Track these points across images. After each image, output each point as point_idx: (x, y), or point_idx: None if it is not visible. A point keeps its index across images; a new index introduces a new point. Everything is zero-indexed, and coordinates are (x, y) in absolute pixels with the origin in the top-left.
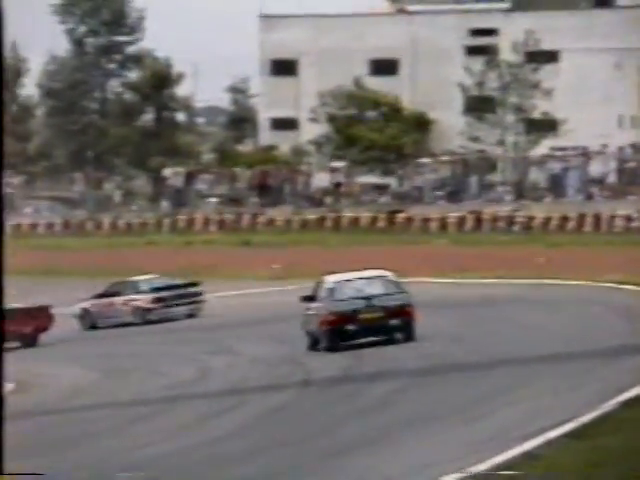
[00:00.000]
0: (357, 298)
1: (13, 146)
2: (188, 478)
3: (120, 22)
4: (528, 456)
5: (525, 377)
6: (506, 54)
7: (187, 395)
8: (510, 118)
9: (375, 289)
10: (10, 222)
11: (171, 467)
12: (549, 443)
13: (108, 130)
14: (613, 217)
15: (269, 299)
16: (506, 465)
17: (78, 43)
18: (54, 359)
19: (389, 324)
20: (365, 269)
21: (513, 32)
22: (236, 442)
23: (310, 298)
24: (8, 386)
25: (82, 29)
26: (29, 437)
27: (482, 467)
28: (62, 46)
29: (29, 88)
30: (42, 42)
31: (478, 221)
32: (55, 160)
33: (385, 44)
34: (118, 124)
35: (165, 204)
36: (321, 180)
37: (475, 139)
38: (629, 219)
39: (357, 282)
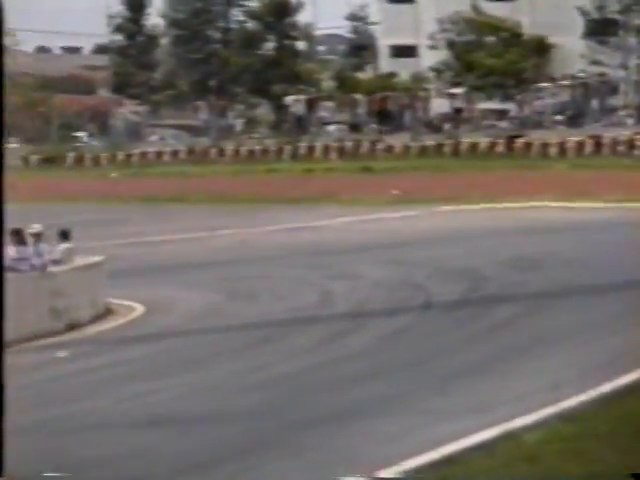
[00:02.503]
0: None
1: (139, 76)
2: (309, 399)
3: None
4: None
5: None
6: None
7: (310, 318)
8: (632, 41)
9: None
10: (136, 150)
11: (292, 388)
12: None
13: (230, 59)
14: None
15: (390, 225)
16: (627, 387)
17: None
18: (180, 283)
19: None
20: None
21: None
22: (359, 363)
23: None
24: (138, 309)
25: None
26: (156, 359)
27: (606, 387)
28: None
29: (153, 18)
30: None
31: (598, 145)
32: (179, 89)
33: None
34: (240, 53)
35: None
36: (440, 106)
37: (596, 63)
38: None
39: None
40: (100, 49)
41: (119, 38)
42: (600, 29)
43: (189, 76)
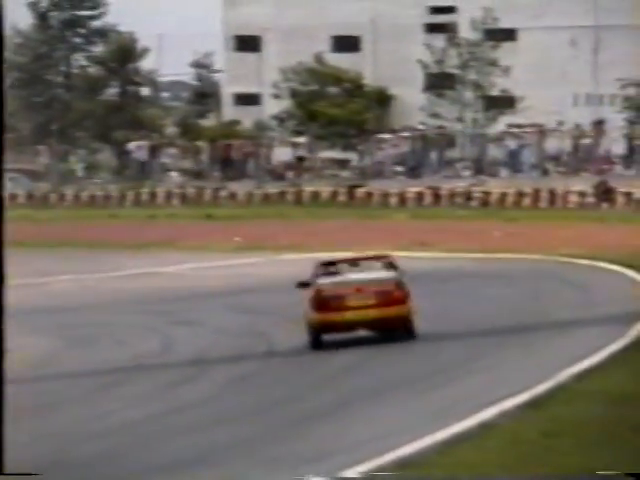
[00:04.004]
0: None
1: None
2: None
3: None
4: (483, 426)
5: (481, 349)
6: (465, 32)
7: (152, 365)
8: (469, 95)
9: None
10: None
11: (134, 436)
12: (504, 413)
13: (73, 103)
14: (567, 193)
15: (231, 271)
16: (463, 434)
17: (42, 17)
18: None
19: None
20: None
21: (472, 10)
22: (200, 410)
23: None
24: None
25: (45, 3)
26: None
27: (440, 436)
28: (26, 20)
29: None
30: (5, 15)
31: (436, 196)
32: (20, 132)
33: (347, 21)
34: (83, 98)
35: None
36: (283, 155)
37: (435, 115)
38: (583, 195)
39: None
40: None
41: None
42: (439, 83)
43: (30, 120)
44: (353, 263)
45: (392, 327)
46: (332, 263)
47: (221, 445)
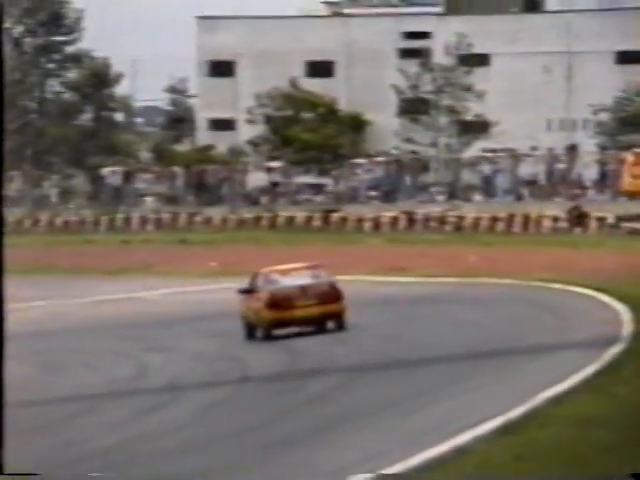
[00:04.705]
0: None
1: None
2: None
3: (58, 22)
4: (458, 450)
5: (455, 374)
6: (439, 57)
7: (124, 391)
8: (443, 120)
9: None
10: None
11: (107, 462)
12: (479, 438)
13: (47, 129)
14: (541, 217)
15: (206, 296)
16: (437, 459)
17: (16, 43)
18: None
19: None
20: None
21: (446, 35)
22: (173, 437)
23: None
24: None
25: (20, 29)
26: None
27: (414, 461)
28: None
29: None
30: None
31: (411, 221)
32: None
33: (321, 46)
34: (57, 123)
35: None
36: (258, 180)
37: (409, 140)
38: (556, 220)
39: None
40: None
41: None
42: (413, 108)
43: (4, 145)
44: (287, 272)
45: (330, 321)
46: (269, 272)
47: (195, 471)
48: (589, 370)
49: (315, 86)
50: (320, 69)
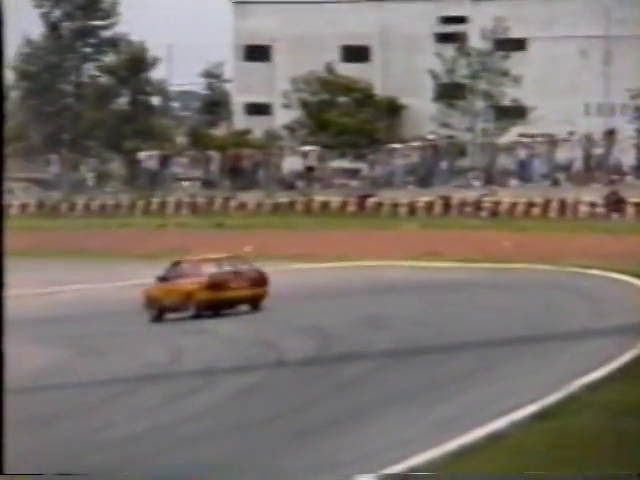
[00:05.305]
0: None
1: None
2: (158, 458)
3: (95, 6)
4: (493, 436)
5: (491, 360)
6: (475, 42)
7: (160, 374)
8: (479, 105)
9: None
10: None
11: (142, 447)
12: (514, 424)
13: (83, 113)
14: (578, 203)
15: None
16: (471, 445)
17: (53, 27)
18: (26, 339)
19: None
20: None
21: (482, 20)
22: (206, 421)
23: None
24: None
25: (57, 13)
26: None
27: (450, 446)
28: (37, 30)
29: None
30: (16, 25)
31: (447, 206)
32: (30, 142)
33: (357, 31)
34: (93, 107)
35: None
36: (293, 164)
37: (445, 125)
38: (593, 205)
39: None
40: None
41: None
42: (449, 92)
43: (41, 129)
44: (210, 260)
45: (257, 302)
46: (191, 261)
47: (231, 457)
48: (626, 357)
49: (351, 71)
50: (356, 54)
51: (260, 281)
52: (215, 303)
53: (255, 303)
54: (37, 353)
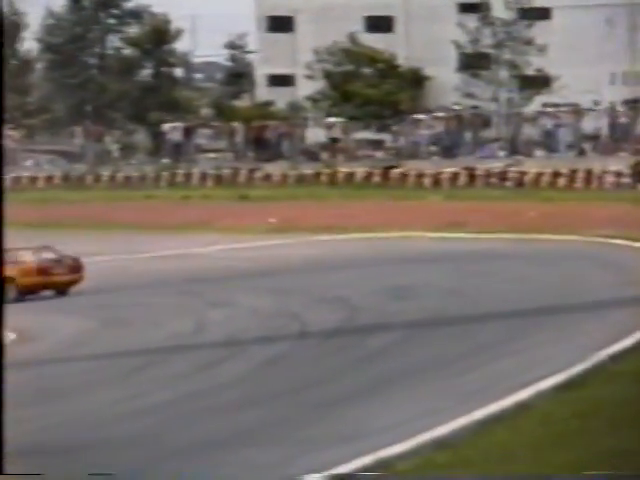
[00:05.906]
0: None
1: (13, 100)
2: (188, 427)
3: None
4: (520, 406)
5: (516, 330)
6: (499, 11)
7: (186, 345)
8: (504, 75)
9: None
10: (10, 175)
11: (171, 416)
12: (540, 394)
13: (107, 85)
14: (604, 173)
15: (266, 252)
16: (498, 415)
17: None
18: (53, 310)
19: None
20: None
21: None
22: (233, 391)
23: None
24: (10, 336)
25: None
26: (27, 387)
27: (477, 415)
28: (60, 1)
29: (28, 42)
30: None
31: (471, 177)
32: (55, 114)
33: (380, 1)
34: (117, 79)
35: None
36: (317, 136)
37: (469, 95)
38: (619, 175)
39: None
40: None
41: None
42: (473, 62)
43: (65, 101)
44: (24, 250)
45: (72, 287)
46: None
47: (257, 426)
48: None
49: (374, 41)
50: (379, 24)
51: (77, 268)
52: (39, 287)
53: (70, 287)
54: (65, 324)
